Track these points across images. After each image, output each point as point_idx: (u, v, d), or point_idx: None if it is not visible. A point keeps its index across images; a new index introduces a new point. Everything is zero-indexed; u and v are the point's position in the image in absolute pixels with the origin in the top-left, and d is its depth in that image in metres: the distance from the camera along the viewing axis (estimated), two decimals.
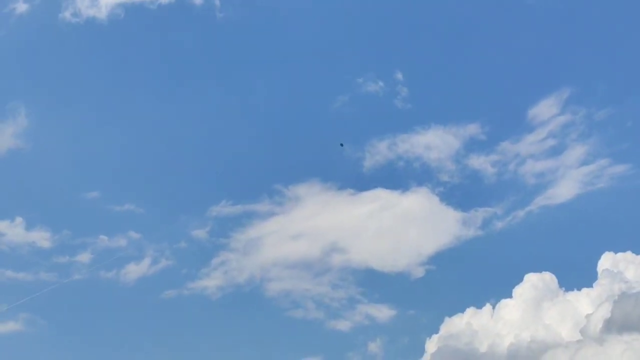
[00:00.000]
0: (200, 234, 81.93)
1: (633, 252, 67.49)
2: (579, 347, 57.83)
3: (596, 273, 68.13)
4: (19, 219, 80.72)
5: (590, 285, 67.16)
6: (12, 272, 77.61)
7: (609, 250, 69.05)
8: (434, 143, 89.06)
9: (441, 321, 72.65)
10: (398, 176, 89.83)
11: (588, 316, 61.58)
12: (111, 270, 78.22)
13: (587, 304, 65.05)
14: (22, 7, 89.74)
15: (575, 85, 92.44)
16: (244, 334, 77.52)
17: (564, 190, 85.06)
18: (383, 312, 78.67)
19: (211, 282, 78.66)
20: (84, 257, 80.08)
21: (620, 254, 68.24)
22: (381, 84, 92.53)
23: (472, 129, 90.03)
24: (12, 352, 72.95)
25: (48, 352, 75.52)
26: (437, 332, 71.47)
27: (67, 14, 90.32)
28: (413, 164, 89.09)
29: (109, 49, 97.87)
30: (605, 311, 59.25)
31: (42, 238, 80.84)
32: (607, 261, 67.96)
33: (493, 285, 79.47)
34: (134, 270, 78.46)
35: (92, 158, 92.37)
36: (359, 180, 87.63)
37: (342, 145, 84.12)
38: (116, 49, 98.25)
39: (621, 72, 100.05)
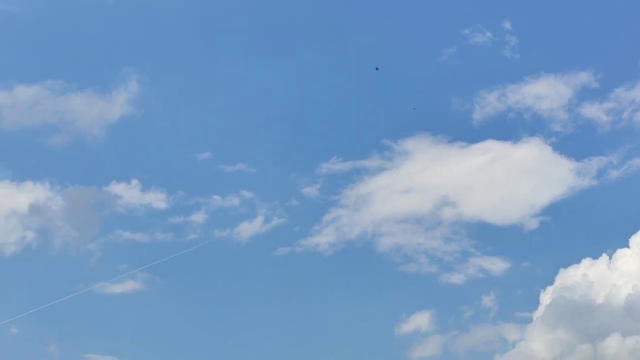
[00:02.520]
0: (311, 191, 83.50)
1: None
2: None
3: None
4: (134, 182, 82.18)
5: None
6: (130, 233, 79.42)
7: None
8: (545, 92, 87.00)
9: (556, 273, 72.78)
10: (509, 127, 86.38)
11: None
12: (225, 230, 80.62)
13: None
14: None
15: None
16: (357, 289, 78.06)
17: None
18: (497, 265, 77.46)
19: (323, 238, 79.51)
20: (199, 217, 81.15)
21: None
22: (489, 34, 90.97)
23: (584, 77, 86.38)
24: (133, 310, 76.51)
25: (168, 310, 77.32)
26: (551, 284, 71.74)
27: None
28: (524, 114, 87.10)
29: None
30: None
31: (157, 199, 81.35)
32: None
33: (609, 236, 76.43)
34: (247, 229, 79.91)
35: (202, 120, 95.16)
36: (468, 133, 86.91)
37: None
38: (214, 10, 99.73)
39: None
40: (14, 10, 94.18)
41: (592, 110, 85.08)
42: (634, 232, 69.03)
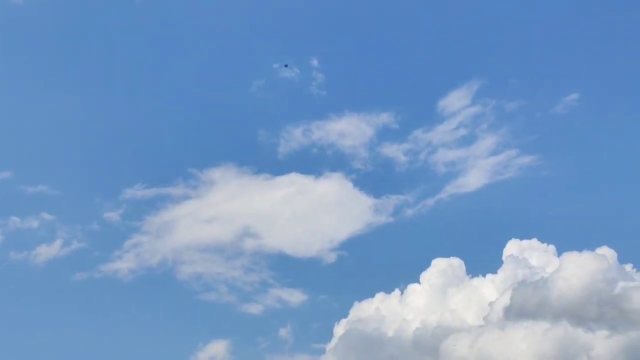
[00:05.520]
0: (113, 216, 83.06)
1: (538, 239, 69.01)
2: (482, 332, 59.46)
3: (502, 260, 68.34)
4: None
5: (495, 272, 67.58)
6: None
7: (515, 238, 69.70)
8: (348, 130, 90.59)
9: (351, 306, 72.18)
10: (312, 162, 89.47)
11: (491, 303, 62.20)
12: (22, 252, 78.30)
13: (492, 289, 65.84)
14: None
15: (485, 78, 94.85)
16: (155, 316, 78.67)
17: (474, 179, 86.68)
18: (295, 297, 78.84)
19: (123, 264, 78.71)
20: None
21: (525, 241, 69.17)
22: (297, 70, 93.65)
23: (385, 118, 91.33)
24: None
25: None
26: (346, 317, 70.99)
27: None
28: (327, 150, 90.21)
29: None
30: (506, 298, 60.17)
31: None
32: (512, 248, 68.59)
33: (403, 271, 76.50)
34: (45, 252, 78.30)
35: (3, 139, 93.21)
36: (274, 165, 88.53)
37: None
38: None
39: (531, 65, 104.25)
40: None
41: (392, 150, 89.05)
42: (424, 268, 70.54)
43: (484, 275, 68.81)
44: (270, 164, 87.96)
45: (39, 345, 71.63)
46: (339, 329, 70.04)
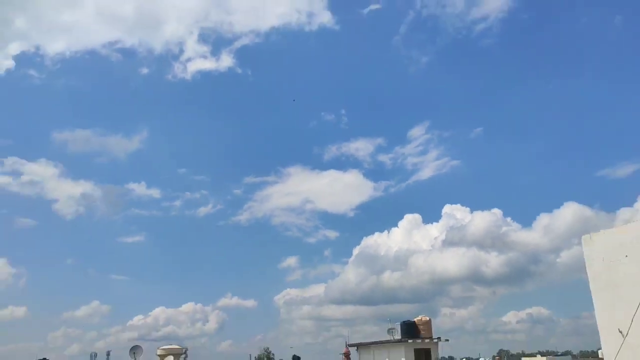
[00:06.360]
0: (238, 192, 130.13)
1: (461, 204, 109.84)
2: (430, 253, 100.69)
3: (441, 214, 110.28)
4: None
5: (438, 221, 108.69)
6: None
7: (448, 203, 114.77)
8: (360, 147, 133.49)
9: (362, 239, 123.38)
10: (342, 163, 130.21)
11: (435, 237, 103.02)
12: (191, 210, 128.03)
13: (435, 230, 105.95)
14: None
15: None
16: (260, 245, 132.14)
17: (425, 173, 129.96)
18: (332, 234, 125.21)
19: (243, 217, 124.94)
20: None
21: (454, 205, 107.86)
22: (333, 115, 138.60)
23: (381, 140, 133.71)
24: None
25: None
26: (359, 244, 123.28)
27: None
28: (349, 157, 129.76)
29: None
30: (443, 235, 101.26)
31: None
32: (447, 208, 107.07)
33: (388, 220, 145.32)
34: (203, 210, 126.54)
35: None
36: (321, 165, 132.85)
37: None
38: None
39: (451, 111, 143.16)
40: None
41: (383, 157, 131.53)
42: (400, 219, 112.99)
43: (431, 223, 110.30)
44: (320, 165, 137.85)
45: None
46: (355, 251, 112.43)
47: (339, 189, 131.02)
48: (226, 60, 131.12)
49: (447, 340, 31.59)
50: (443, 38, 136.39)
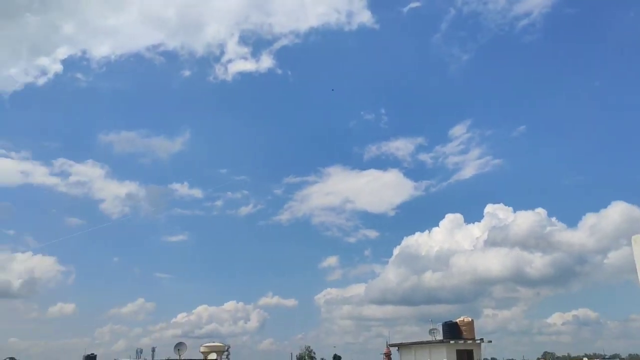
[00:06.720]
0: (279, 192, 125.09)
1: (503, 203, 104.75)
2: (472, 253, 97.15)
3: (483, 214, 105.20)
4: None
5: (480, 221, 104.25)
6: None
7: (490, 203, 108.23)
8: (400, 146, 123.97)
9: (402, 238, 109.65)
10: (382, 163, 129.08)
11: (477, 238, 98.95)
12: (232, 210, 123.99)
13: (477, 230, 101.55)
14: None
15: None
16: (300, 244, 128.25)
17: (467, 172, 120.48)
18: (372, 234, 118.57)
19: (283, 217, 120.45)
20: None
21: (496, 204, 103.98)
22: (373, 114, 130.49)
23: (421, 139, 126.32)
24: None
25: None
26: (399, 244, 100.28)
27: None
28: (389, 157, 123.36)
29: None
30: (485, 235, 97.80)
31: None
32: (488, 208, 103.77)
33: (430, 218, 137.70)
34: (243, 210, 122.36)
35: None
36: (361, 165, 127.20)
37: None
38: None
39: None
40: None
41: (423, 156, 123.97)
42: (442, 218, 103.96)
43: (473, 223, 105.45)
44: (360, 164, 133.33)
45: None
46: (396, 251, 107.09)
47: (379, 189, 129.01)
48: (266, 61, 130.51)
49: (490, 341, 31.31)
50: (484, 35, 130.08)
